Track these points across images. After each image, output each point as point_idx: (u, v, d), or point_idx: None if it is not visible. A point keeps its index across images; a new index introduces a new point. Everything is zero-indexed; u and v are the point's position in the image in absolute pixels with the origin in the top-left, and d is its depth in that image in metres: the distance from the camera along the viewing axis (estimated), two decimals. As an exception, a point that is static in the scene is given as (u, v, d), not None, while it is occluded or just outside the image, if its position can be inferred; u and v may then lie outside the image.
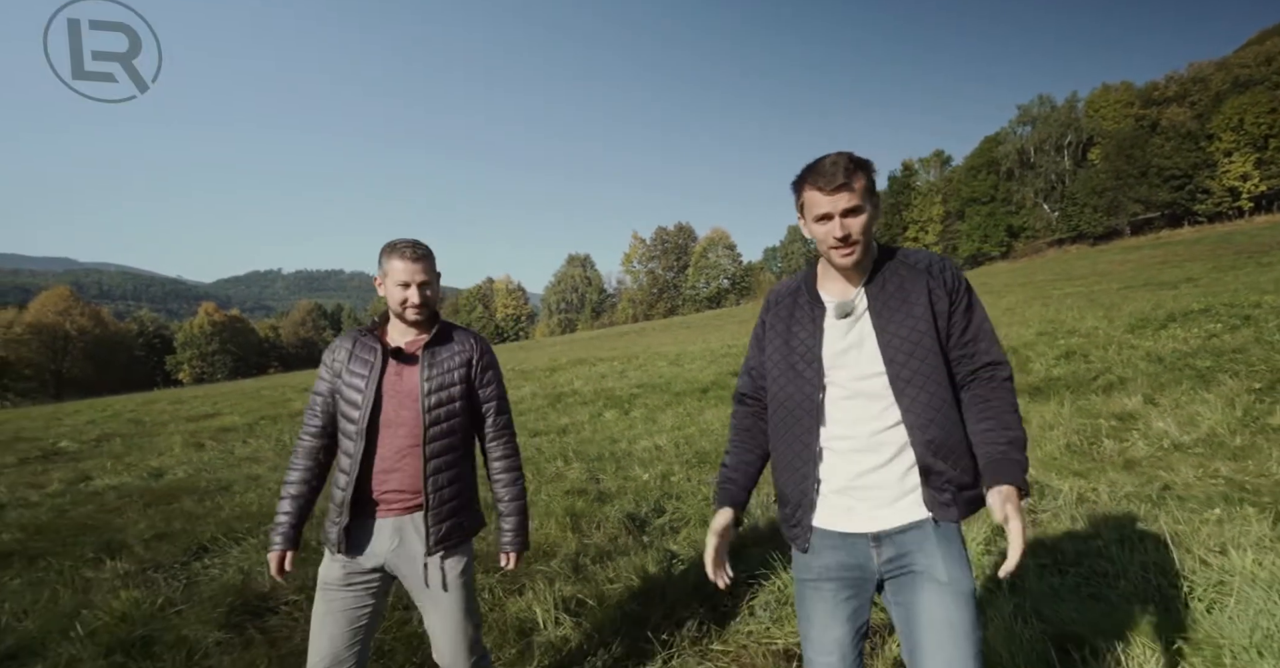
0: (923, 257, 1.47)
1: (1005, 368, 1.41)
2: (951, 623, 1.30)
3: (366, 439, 1.78)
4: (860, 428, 1.40)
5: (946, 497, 1.35)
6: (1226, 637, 2.11)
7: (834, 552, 1.43)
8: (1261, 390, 5.36)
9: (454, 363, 1.85)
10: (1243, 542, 2.75)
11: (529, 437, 7.70)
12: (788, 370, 1.49)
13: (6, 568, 4.21)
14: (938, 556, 1.34)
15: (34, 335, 73.04)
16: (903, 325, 1.39)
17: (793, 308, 1.53)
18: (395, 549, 1.78)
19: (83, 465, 8.59)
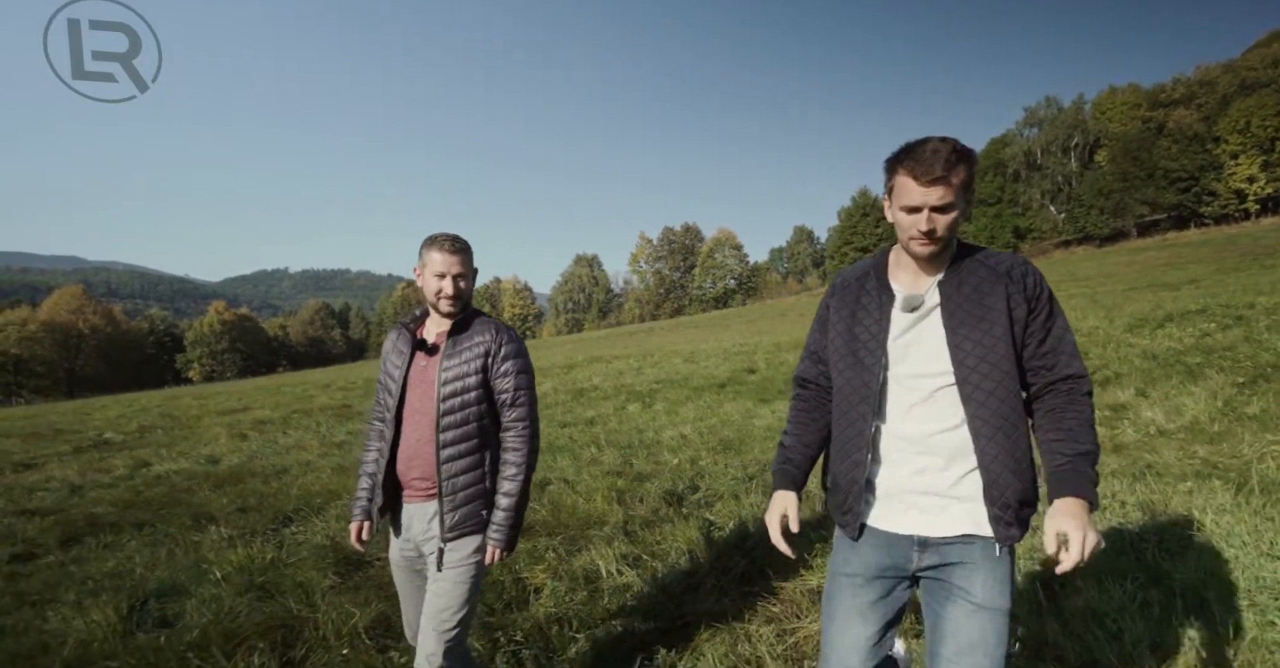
0: (1004, 259, 1.41)
1: (1086, 383, 1.36)
2: (973, 644, 1.30)
3: (395, 427, 1.87)
4: (917, 427, 1.37)
5: (1010, 516, 1.31)
6: (1180, 576, 2.58)
7: (875, 551, 1.42)
8: (1244, 384, 5.81)
9: (473, 354, 1.87)
10: (1206, 507, 3.22)
11: (558, 427, 8.20)
12: (849, 357, 1.46)
13: (118, 534, 4.75)
14: (978, 577, 1.33)
15: (48, 334, 73.94)
16: (975, 329, 1.34)
17: (859, 293, 1.48)
18: (423, 533, 1.87)
19: (137, 454, 9.14)
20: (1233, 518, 3.03)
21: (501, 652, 2.59)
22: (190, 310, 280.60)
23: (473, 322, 1.92)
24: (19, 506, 6.01)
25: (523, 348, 1.94)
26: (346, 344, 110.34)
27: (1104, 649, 2.15)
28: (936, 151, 1.27)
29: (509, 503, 1.86)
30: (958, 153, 1.28)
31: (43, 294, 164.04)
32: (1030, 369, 1.36)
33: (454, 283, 1.83)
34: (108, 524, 5.04)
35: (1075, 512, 1.21)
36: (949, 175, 1.27)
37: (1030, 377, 1.37)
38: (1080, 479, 1.25)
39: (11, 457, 9.71)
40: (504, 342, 1.89)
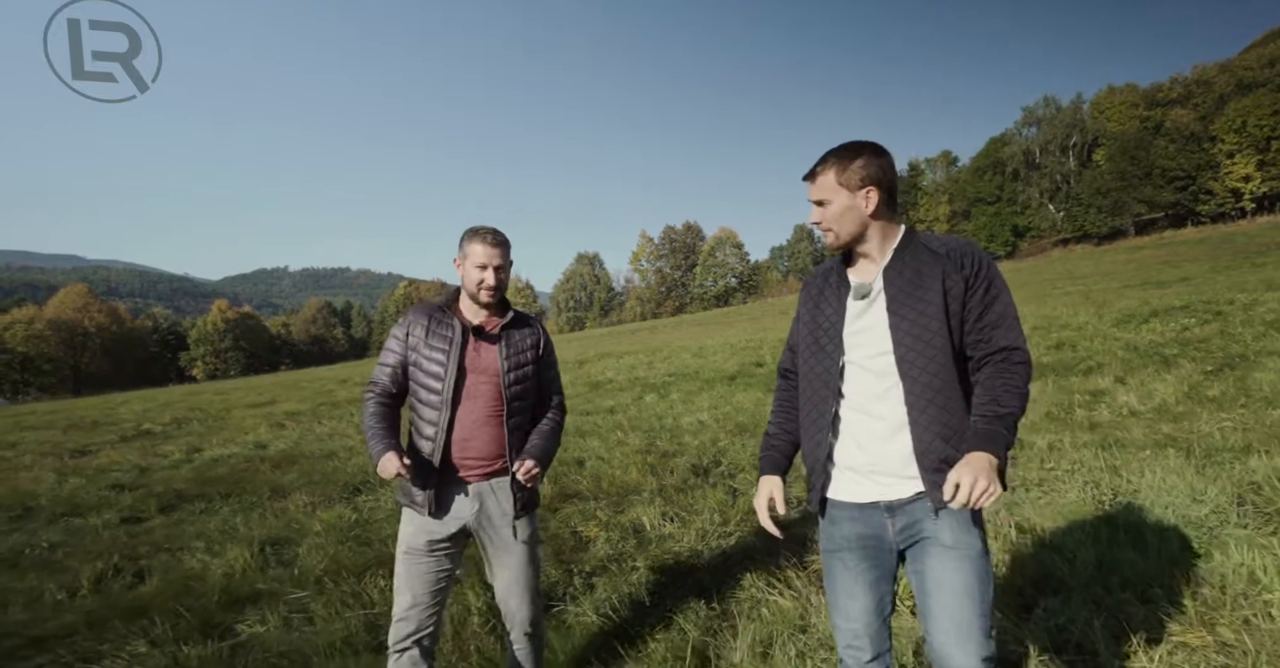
0: (947, 242, 1.51)
1: (1021, 353, 1.44)
2: (955, 586, 1.38)
3: (452, 409, 1.92)
4: (871, 404, 1.49)
5: (941, 478, 1.40)
6: (1141, 520, 3.17)
7: (852, 523, 1.52)
8: (1211, 372, 6.41)
9: (526, 344, 2.02)
10: (1157, 468, 3.81)
11: (582, 416, 8.79)
12: (813, 345, 1.59)
13: (208, 502, 5.36)
14: (945, 521, 1.42)
15: (54, 332, 74.44)
16: (913, 310, 1.45)
17: (823, 287, 1.62)
18: (477, 512, 1.94)
19: (184, 441, 9.74)
20: (1176, 476, 3.63)
21: (576, 578, 3.19)
22: (190, 309, 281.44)
23: (520, 316, 2.08)
24: (103, 482, 6.61)
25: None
26: (349, 343, 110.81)
27: (1059, 567, 2.75)
28: (823, 155, 1.50)
29: (546, 441, 2.02)
30: (833, 153, 1.49)
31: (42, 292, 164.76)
32: (970, 343, 1.46)
33: (495, 274, 1.94)
34: (193, 496, 5.65)
35: (973, 461, 1.30)
36: (816, 173, 1.49)
37: (970, 350, 1.46)
38: (990, 436, 1.34)
39: (65, 445, 10.31)
40: (544, 334, 2.10)
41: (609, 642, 2.58)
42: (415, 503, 1.92)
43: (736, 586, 2.99)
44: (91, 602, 3.37)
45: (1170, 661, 2.05)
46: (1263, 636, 2.11)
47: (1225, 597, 2.37)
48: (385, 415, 1.94)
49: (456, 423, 1.92)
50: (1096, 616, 2.31)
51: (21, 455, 9.45)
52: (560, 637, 2.63)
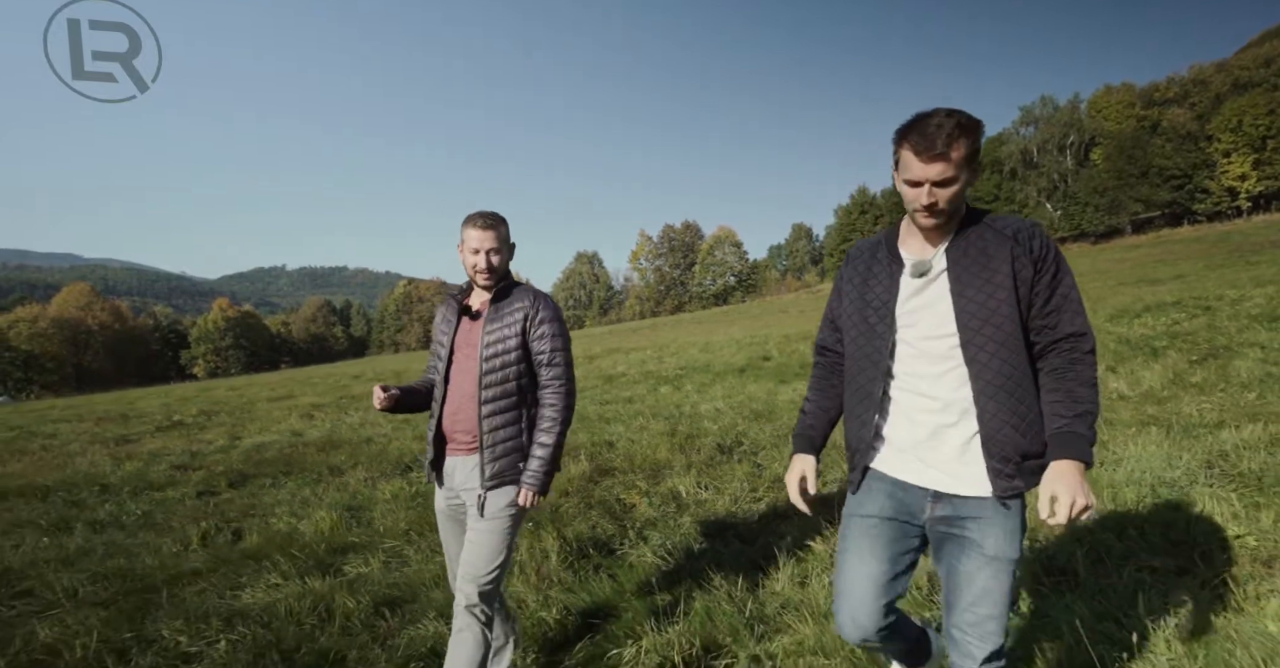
0: (1011, 223, 1.45)
1: (1088, 340, 1.40)
2: (989, 594, 1.39)
3: (444, 387, 2.06)
4: (927, 387, 1.44)
5: (1010, 469, 1.37)
6: (1121, 480, 3.64)
7: (889, 498, 1.50)
8: (1195, 361, 6.89)
9: (514, 319, 2.03)
10: (1140, 441, 4.28)
11: (600, 405, 9.25)
12: (861, 323, 1.54)
13: (272, 479, 5.82)
14: (990, 531, 1.39)
15: (57, 330, 74.71)
16: (980, 291, 1.39)
17: (871, 263, 1.56)
18: (465, 484, 2.02)
19: (220, 430, 10.19)
20: (1156, 447, 4.11)
21: (630, 531, 3.66)
22: (187, 307, 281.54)
23: (514, 290, 2.09)
24: (161, 465, 7.07)
25: (559, 314, 2.10)
26: (349, 341, 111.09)
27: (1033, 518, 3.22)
28: (940, 127, 1.31)
29: (545, 453, 2.01)
30: (960, 127, 1.32)
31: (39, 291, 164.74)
32: (1035, 328, 1.40)
33: (486, 257, 1.99)
34: (254, 474, 6.11)
35: (1068, 475, 1.27)
36: (949, 151, 1.31)
37: (1034, 335, 1.40)
38: (1077, 441, 1.30)
39: (103, 435, 10.75)
40: (541, 307, 2.06)
41: (666, 575, 3.05)
42: (427, 474, 2.12)
43: (773, 535, 3.45)
44: (203, 554, 3.83)
45: (1136, 577, 2.52)
46: (1219, 563, 2.58)
47: (1188, 534, 2.85)
48: (424, 380, 2.18)
49: (448, 398, 2.04)
50: (1079, 548, 2.78)
51: (68, 444, 9.89)
52: (624, 571, 3.10)
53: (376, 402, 1.98)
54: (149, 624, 2.83)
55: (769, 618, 2.52)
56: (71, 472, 7.16)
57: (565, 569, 3.15)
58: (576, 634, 2.57)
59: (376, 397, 1.98)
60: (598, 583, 2.99)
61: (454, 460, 2.04)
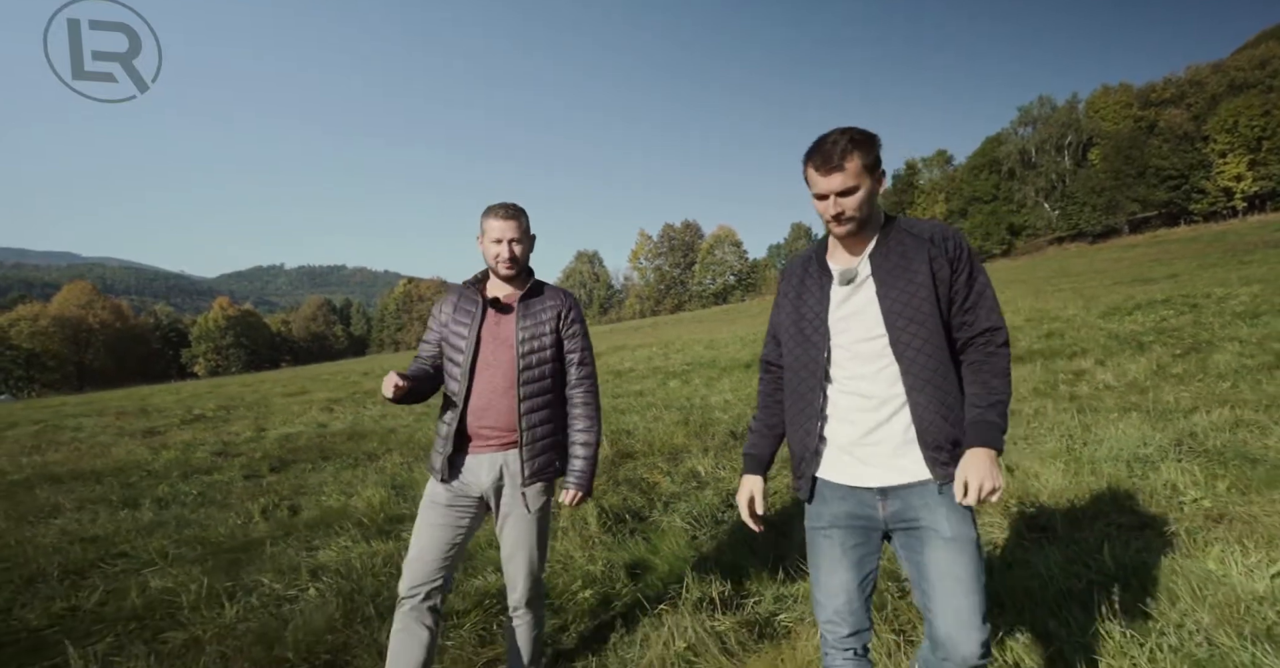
0: (926, 226, 1.54)
1: (1002, 334, 1.49)
2: (958, 578, 1.42)
3: (468, 381, 1.98)
4: (863, 388, 1.52)
5: (944, 456, 1.46)
6: (1100, 457, 4.04)
7: (842, 502, 1.56)
8: (1179, 355, 7.29)
9: (546, 315, 2.03)
10: (1121, 425, 4.68)
11: (612, 398, 9.64)
12: (797, 334, 1.62)
13: (311, 463, 6.20)
14: (941, 513, 1.45)
15: (59, 329, 74.89)
16: (903, 292, 1.49)
17: (803, 276, 1.65)
18: (495, 482, 1.98)
19: (243, 423, 10.57)
20: (1133, 429, 4.51)
21: (657, 502, 4.06)
22: (186, 306, 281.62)
23: (544, 287, 2.10)
24: (199, 452, 7.45)
25: (584, 314, 2.15)
26: (349, 340, 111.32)
27: (1037, 488, 3.61)
28: (835, 143, 1.45)
29: (587, 452, 2.04)
30: (853, 141, 1.45)
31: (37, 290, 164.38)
32: (955, 324, 1.51)
33: (509, 247, 1.98)
34: (292, 460, 6.50)
35: (979, 461, 1.38)
36: (844, 163, 1.44)
37: (955, 332, 1.52)
38: (989, 429, 1.42)
39: (129, 428, 11.12)
40: (572, 305, 2.09)
41: (694, 537, 3.44)
42: (434, 468, 2.01)
43: (791, 502, 3.85)
44: (266, 526, 4.22)
45: (1105, 531, 2.92)
46: (1176, 520, 2.98)
47: (1152, 498, 3.25)
48: (419, 369, 2.08)
49: (474, 393, 1.98)
50: (1059, 510, 3.18)
51: (96, 436, 10.27)
52: (656, 534, 3.50)
53: (389, 389, 1.88)
54: (244, 575, 3.23)
55: (789, 567, 2.91)
56: (113, 460, 7.54)
57: (604, 533, 3.55)
58: (620, 583, 2.97)
59: (391, 383, 1.87)
60: (634, 544, 3.38)
61: (478, 458, 1.99)
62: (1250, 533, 2.70)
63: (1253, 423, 4.30)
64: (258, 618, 2.77)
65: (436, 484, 2.03)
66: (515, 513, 1.99)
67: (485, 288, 2.10)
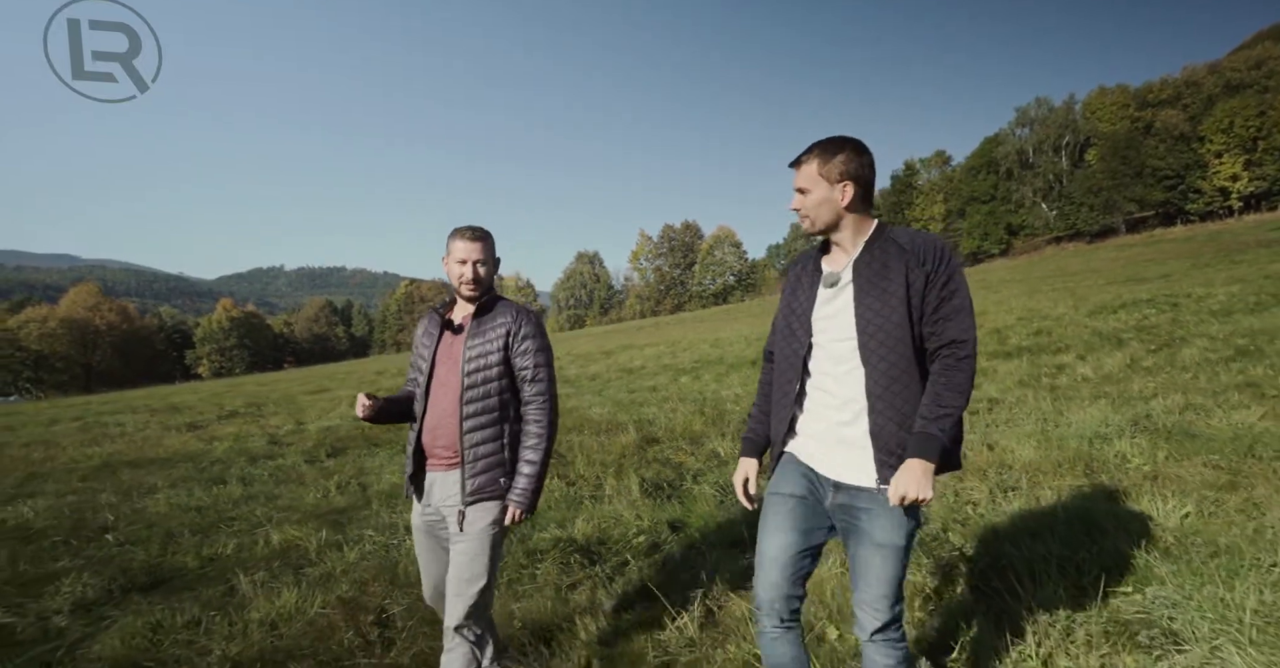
0: (914, 237, 1.61)
1: (967, 346, 1.55)
2: (878, 575, 1.59)
3: (425, 401, 2.05)
4: (832, 385, 1.63)
5: (894, 460, 1.55)
6: (1067, 435, 4.68)
7: (803, 479, 1.68)
8: (1153, 350, 7.94)
9: (496, 334, 2.04)
10: (1089, 410, 5.33)
11: (627, 393, 10.29)
12: (785, 328, 1.74)
13: (365, 449, 6.85)
14: (878, 522, 1.57)
15: (66, 330, 75.49)
16: (877, 300, 1.57)
17: (800, 274, 1.76)
18: (445, 500, 2.02)
19: (280, 418, 11.21)
20: (1098, 412, 5.16)
21: (687, 475, 4.70)
22: (186, 308, 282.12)
23: (496, 305, 2.11)
24: (251, 442, 8.10)
25: (542, 329, 2.11)
26: (350, 341, 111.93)
27: (1014, 458, 4.26)
28: (809, 146, 1.60)
29: (531, 470, 2.02)
30: (816, 146, 1.60)
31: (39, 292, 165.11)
32: (926, 335, 1.58)
33: (473, 269, 2.02)
34: (345, 447, 7.15)
35: (913, 472, 1.48)
36: (801, 161, 1.61)
37: (927, 342, 1.58)
38: (928, 441, 1.49)
39: (170, 423, 11.77)
40: (524, 323, 2.07)
41: (722, 502, 4.09)
42: (405, 488, 2.11)
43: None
44: (344, 498, 4.87)
45: (1058, 488, 3.57)
46: (1118, 479, 3.63)
47: (1102, 464, 3.90)
48: (405, 391, 2.18)
49: (428, 412, 2.03)
50: (1025, 475, 3.83)
51: (142, 430, 10.91)
52: (689, 500, 4.14)
53: (360, 409, 1.98)
54: (350, 531, 3.88)
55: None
56: (171, 449, 8.19)
57: (645, 499, 4.20)
58: (665, 535, 3.61)
59: (361, 404, 1.98)
60: (671, 506, 4.03)
61: (434, 476, 2.04)
62: (1176, 488, 3.35)
63: (1200, 407, 4.95)
64: (374, 559, 3.42)
65: (414, 506, 2.11)
66: (453, 534, 2.00)
67: (451, 310, 2.15)
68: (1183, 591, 2.22)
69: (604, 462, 5.24)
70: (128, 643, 2.62)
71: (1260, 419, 4.42)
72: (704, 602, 2.68)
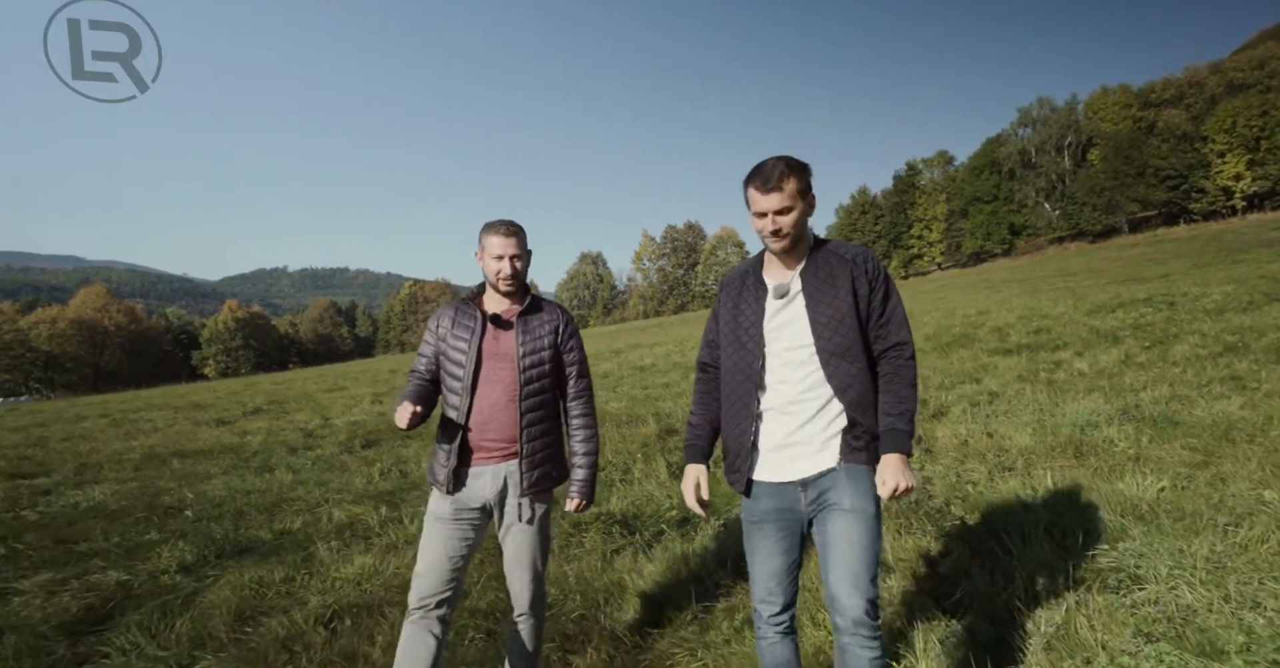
0: (850, 249, 1.75)
1: (908, 348, 1.71)
2: (852, 541, 1.63)
3: (470, 395, 2.03)
4: (792, 391, 1.70)
5: (860, 444, 1.68)
6: (1061, 423, 5.05)
7: (770, 498, 1.74)
8: (1147, 346, 8.29)
9: (544, 330, 2.11)
10: (1082, 401, 5.70)
11: (642, 390, 10.67)
12: (734, 342, 1.78)
13: (399, 440, 7.25)
14: (846, 490, 1.66)
15: (76, 331, 76.18)
16: (829, 306, 1.68)
17: (741, 289, 1.82)
18: (499, 492, 2.05)
19: (304, 414, 11.61)
20: (1092, 402, 5.53)
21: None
22: (190, 309, 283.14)
23: (542, 303, 2.18)
24: (286, 435, 8.50)
25: (579, 328, 2.22)
26: (354, 342, 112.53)
27: (1012, 443, 4.63)
28: (774, 167, 1.65)
29: (588, 461, 2.13)
30: (789, 166, 1.65)
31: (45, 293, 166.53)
32: (872, 337, 1.71)
33: (511, 264, 2.06)
34: (378, 439, 7.54)
35: (893, 465, 1.60)
36: (782, 184, 1.64)
37: (873, 343, 1.72)
38: (899, 436, 1.63)
39: (199, 419, 12.19)
40: (568, 320, 2.19)
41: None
42: (438, 481, 2.07)
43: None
44: (387, 483, 5.26)
45: (1049, 468, 3.95)
46: (1110, 458, 4.00)
47: (1091, 448, 4.27)
48: (420, 388, 2.11)
49: (475, 407, 2.04)
50: (1022, 457, 4.20)
51: (173, 425, 11.34)
52: (714, 481, 4.52)
53: (404, 420, 1.92)
54: (404, 509, 4.27)
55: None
56: (207, 442, 8.59)
57: (672, 480, 4.59)
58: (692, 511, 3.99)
59: (406, 414, 1.92)
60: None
61: (482, 469, 2.06)
62: (1155, 467, 3.72)
63: (1185, 397, 5.32)
64: (434, 531, 3.81)
65: (440, 497, 2.08)
66: (514, 524, 2.07)
67: (482, 303, 2.15)
68: (1149, 545, 2.59)
69: (629, 450, 5.63)
70: (237, 593, 3.02)
71: (1240, 408, 4.78)
72: (733, 561, 3.06)
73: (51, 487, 6.07)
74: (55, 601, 3.14)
